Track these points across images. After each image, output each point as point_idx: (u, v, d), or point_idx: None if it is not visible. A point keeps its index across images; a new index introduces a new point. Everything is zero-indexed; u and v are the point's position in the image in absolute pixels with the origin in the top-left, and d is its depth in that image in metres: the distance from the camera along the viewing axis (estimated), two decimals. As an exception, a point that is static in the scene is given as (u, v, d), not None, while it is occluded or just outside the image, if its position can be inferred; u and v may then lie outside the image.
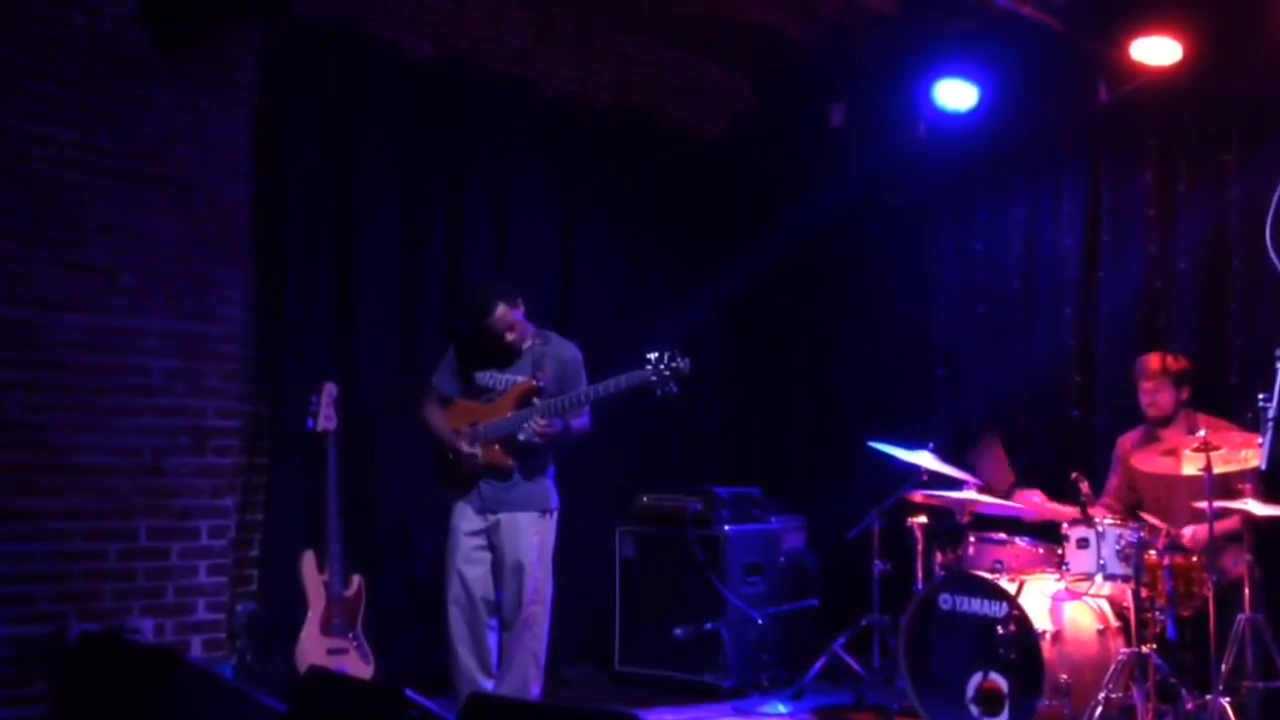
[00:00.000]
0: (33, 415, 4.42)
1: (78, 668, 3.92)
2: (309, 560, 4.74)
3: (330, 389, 4.87)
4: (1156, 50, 5.20)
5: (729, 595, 5.45)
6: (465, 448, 4.52)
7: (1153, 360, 4.76)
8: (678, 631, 5.38)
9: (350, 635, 4.75)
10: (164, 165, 4.73)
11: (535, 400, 4.52)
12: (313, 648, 4.63)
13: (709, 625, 5.37)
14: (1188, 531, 4.40)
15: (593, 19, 6.23)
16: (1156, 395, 4.71)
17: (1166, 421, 4.74)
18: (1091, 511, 4.49)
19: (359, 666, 4.72)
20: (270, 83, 5.12)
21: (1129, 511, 4.75)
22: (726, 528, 5.58)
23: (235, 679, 4.67)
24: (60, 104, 4.50)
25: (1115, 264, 5.57)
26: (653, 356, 4.35)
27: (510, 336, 4.58)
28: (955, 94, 5.79)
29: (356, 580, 4.83)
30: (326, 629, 4.70)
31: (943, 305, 6.16)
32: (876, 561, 5.27)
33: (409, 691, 2.95)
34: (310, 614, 4.68)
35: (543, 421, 4.44)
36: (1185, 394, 4.74)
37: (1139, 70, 5.29)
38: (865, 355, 6.45)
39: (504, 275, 5.76)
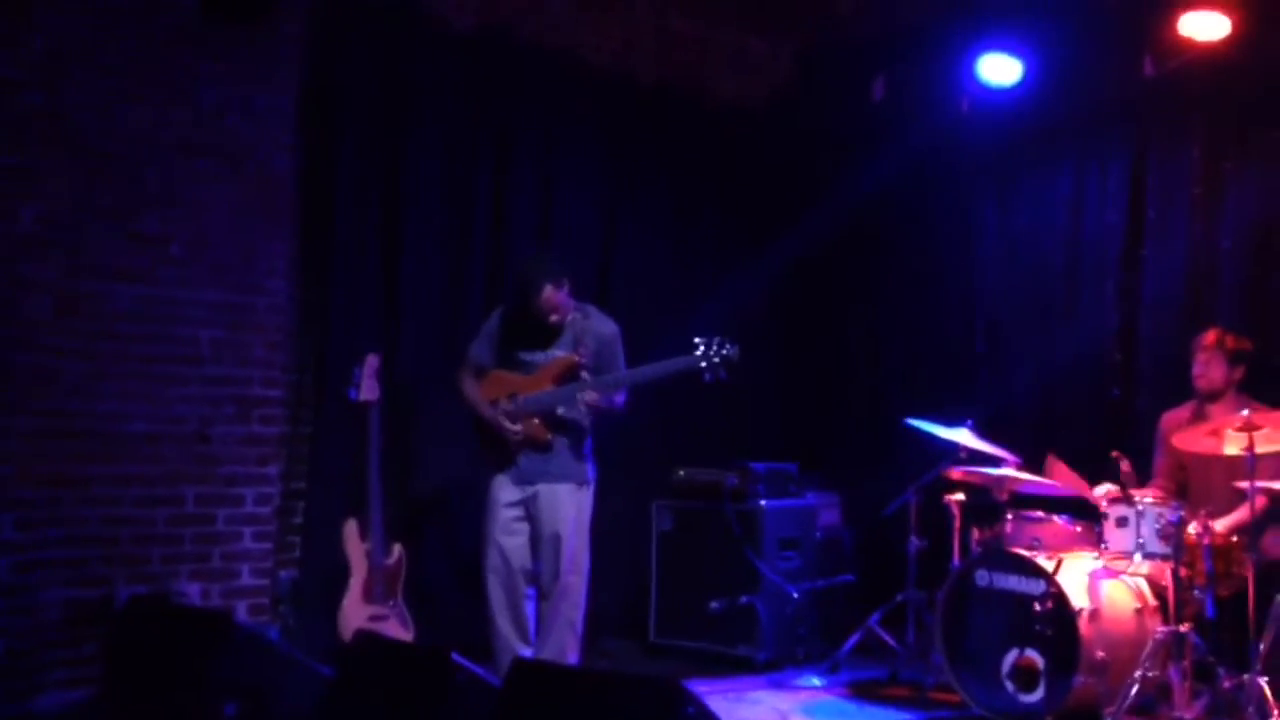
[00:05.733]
0: (88, 384, 4.51)
1: (128, 630, 4.03)
2: (351, 528, 4.79)
3: (372, 360, 4.90)
4: (1205, 24, 5.14)
5: (764, 569, 5.48)
6: (509, 425, 4.56)
7: (1209, 334, 4.77)
8: (713, 604, 5.42)
9: (391, 603, 4.81)
10: (214, 136, 4.79)
11: (583, 375, 4.56)
12: (355, 614, 4.70)
13: (744, 599, 5.41)
14: (1220, 525, 4.40)
15: (635, -11, 6.24)
16: (1208, 368, 4.71)
17: (1214, 397, 4.73)
18: (1140, 492, 4.49)
19: (400, 633, 4.77)
20: (318, 55, 5.16)
21: (1180, 491, 4.75)
22: (763, 502, 5.61)
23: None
24: (114, 75, 4.56)
25: (1159, 241, 5.55)
26: (701, 342, 4.38)
27: (554, 317, 4.62)
28: (999, 69, 5.75)
29: (397, 549, 4.88)
30: (368, 596, 4.76)
31: (985, 281, 6.15)
32: (913, 538, 5.27)
33: (455, 656, 3.04)
34: (352, 581, 4.75)
35: (595, 395, 4.49)
36: (1239, 373, 4.73)
37: (1186, 45, 5.23)
38: (906, 331, 6.44)
39: (546, 249, 5.78)
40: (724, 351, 4.36)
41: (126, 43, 4.60)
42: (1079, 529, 4.74)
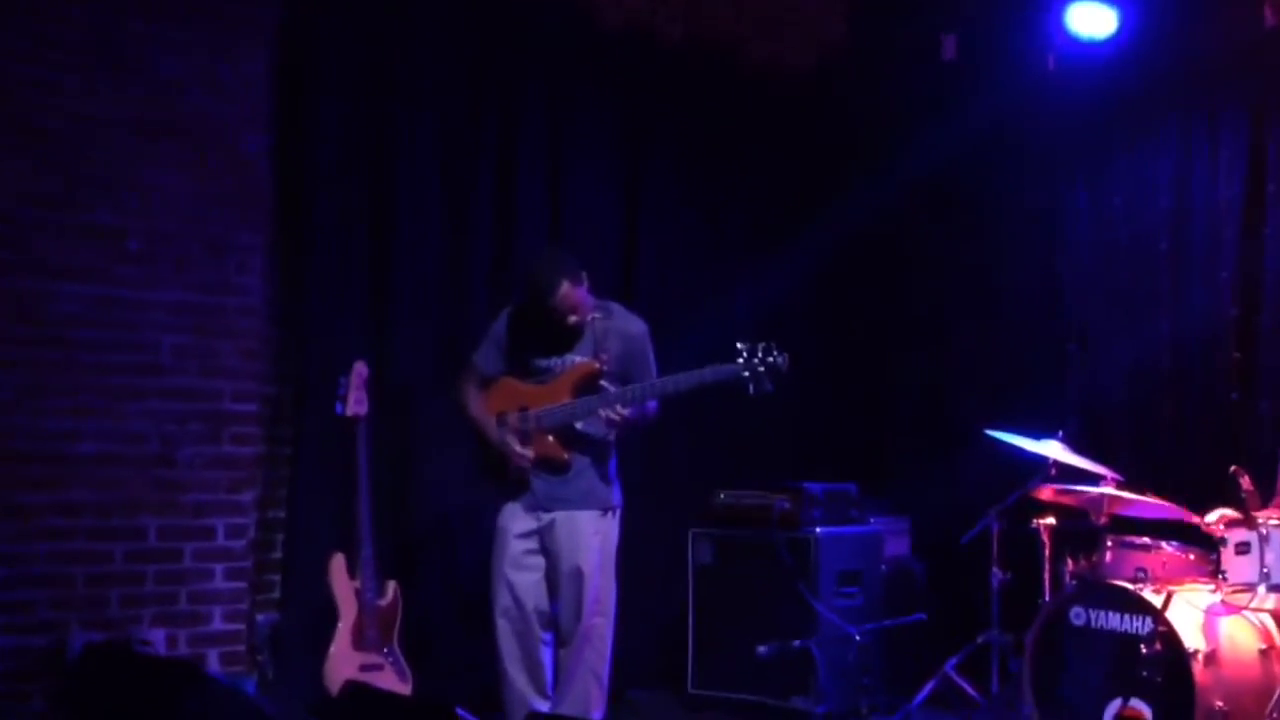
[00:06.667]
0: (30, 398, 4.53)
1: (84, 683, 4.08)
2: (338, 564, 4.79)
3: (361, 369, 4.91)
4: (1338, -38, 5.10)
5: (821, 608, 5.45)
6: (519, 451, 4.57)
7: None
8: (761, 649, 5.32)
9: (385, 650, 4.83)
10: (174, 113, 4.82)
11: (603, 385, 4.55)
12: (344, 663, 4.69)
13: (798, 642, 5.33)
14: None
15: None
16: None
17: None
18: (1265, 513, 4.46)
19: (395, 685, 4.78)
20: (296, 19, 5.17)
21: None
22: (818, 529, 5.58)
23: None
24: (60, 45, 4.60)
25: (1283, 218, 5.50)
26: (744, 348, 4.38)
27: (574, 318, 4.61)
28: (1091, 19, 5.72)
29: (392, 587, 4.88)
30: (359, 642, 4.77)
31: (1075, 269, 6.11)
32: (995, 570, 5.26)
33: (460, 711, 3.04)
34: (340, 625, 4.74)
35: (624, 410, 4.49)
36: None
37: (1315, -12, 5.19)
38: (982, 329, 6.40)
39: (558, 237, 5.81)
40: (770, 360, 4.35)
41: (72, 8, 4.61)
42: (1192, 557, 4.71)
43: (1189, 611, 4.46)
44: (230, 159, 4.95)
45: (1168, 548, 4.73)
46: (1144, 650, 4.36)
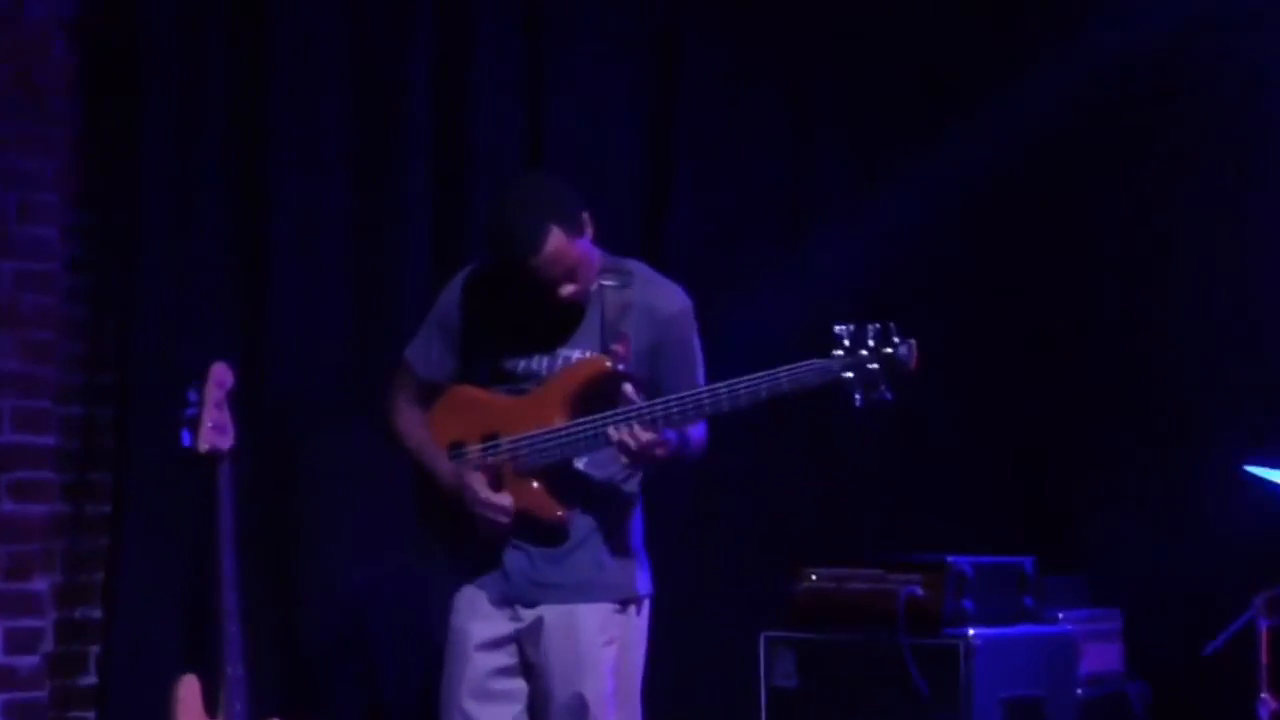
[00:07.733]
0: None
1: None
2: (189, 692, 4.40)
3: (222, 375, 4.56)
4: None
5: (978, 758, 5.38)
6: (486, 497, 4.37)
7: None
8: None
9: (264, 829, 4.83)
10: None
11: (627, 390, 4.31)
12: None
13: (940, 814, 5.32)
14: None
15: None
16: None
17: None
18: None
19: None
20: None
21: None
22: (972, 631, 5.47)
23: None
24: None
25: None
26: (845, 333, 4.12)
27: (569, 288, 4.35)
28: None
29: (274, 728, 4.87)
30: (221, 818, 4.78)
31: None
32: (1264, 695, 5.21)
33: None
34: (192, 791, 4.69)
35: (647, 435, 4.21)
36: None
37: None
38: (1237, 305, 6.38)
39: (538, 159, 5.83)
40: (889, 350, 4.09)
41: None
42: None
43: None
44: (11, 46, 4.97)
45: None
46: None
